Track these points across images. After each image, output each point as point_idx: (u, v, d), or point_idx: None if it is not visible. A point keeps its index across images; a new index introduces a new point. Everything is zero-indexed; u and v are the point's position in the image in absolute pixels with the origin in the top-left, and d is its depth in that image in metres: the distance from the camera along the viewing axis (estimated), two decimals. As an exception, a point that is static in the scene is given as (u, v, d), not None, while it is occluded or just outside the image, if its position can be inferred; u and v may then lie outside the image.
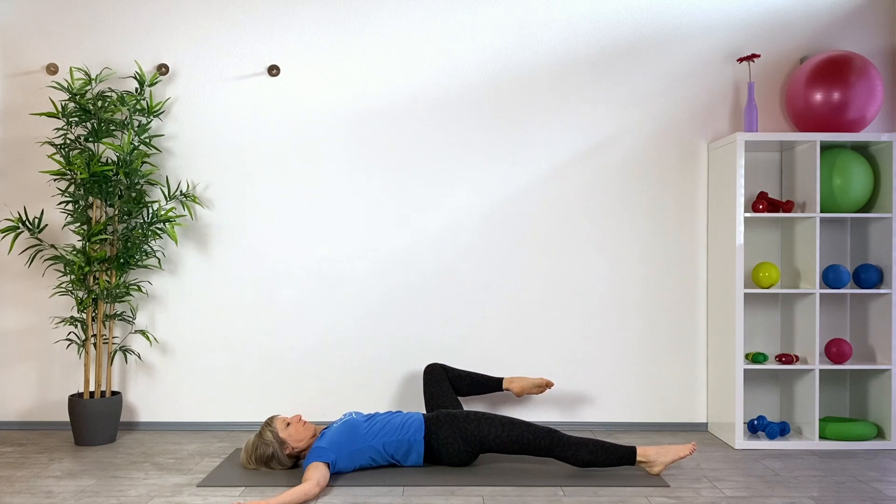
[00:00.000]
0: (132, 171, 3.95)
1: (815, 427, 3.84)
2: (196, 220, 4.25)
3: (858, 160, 3.92)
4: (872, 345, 4.03)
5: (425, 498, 3.08)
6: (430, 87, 4.24)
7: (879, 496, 3.13)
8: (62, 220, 4.24)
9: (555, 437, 3.33)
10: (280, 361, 4.24)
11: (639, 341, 4.23)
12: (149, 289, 4.24)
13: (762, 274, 3.94)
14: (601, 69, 4.24)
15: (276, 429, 3.42)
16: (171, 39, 4.24)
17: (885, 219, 3.94)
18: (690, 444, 3.36)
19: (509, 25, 4.23)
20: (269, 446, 3.40)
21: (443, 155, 4.23)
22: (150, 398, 4.25)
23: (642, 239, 4.23)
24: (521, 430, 3.35)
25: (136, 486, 3.26)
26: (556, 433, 3.35)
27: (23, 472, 3.46)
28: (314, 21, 4.24)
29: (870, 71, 3.92)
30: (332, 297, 4.23)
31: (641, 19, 4.23)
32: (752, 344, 4.22)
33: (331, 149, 4.24)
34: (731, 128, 4.23)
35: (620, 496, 3.11)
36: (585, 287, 4.23)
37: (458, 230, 4.23)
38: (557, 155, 4.23)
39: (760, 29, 4.23)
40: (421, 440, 3.40)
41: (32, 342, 4.24)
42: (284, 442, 3.40)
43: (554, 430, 3.37)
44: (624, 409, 4.23)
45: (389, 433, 3.40)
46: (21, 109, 4.24)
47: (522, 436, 3.35)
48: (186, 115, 4.24)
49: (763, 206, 3.97)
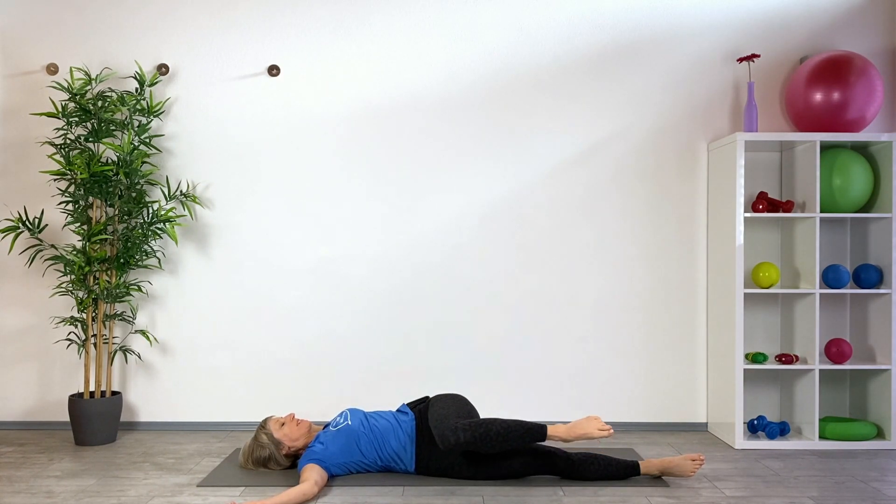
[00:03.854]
0: (132, 171, 3.95)
1: (815, 427, 3.84)
2: (196, 220, 4.25)
3: (858, 160, 3.92)
4: (872, 345, 4.03)
5: (425, 498, 3.08)
6: (430, 88, 4.24)
7: (879, 496, 3.13)
8: (62, 220, 4.24)
9: (556, 463, 3.26)
10: (280, 361, 4.24)
11: (639, 341, 4.23)
12: (149, 289, 4.24)
13: (762, 274, 3.94)
14: (601, 69, 4.24)
15: (271, 430, 3.41)
16: (171, 39, 4.24)
17: (885, 219, 3.94)
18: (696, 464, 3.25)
19: (509, 26, 4.23)
20: (265, 448, 3.40)
21: (443, 155, 4.24)
22: (150, 398, 4.25)
23: (642, 239, 4.23)
24: (520, 468, 3.27)
25: (136, 486, 3.26)
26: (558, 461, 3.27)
27: (23, 472, 3.46)
28: (314, 21, 4.24)
29: (870, 71, 3.92)
30: (331, 297, 4.24)
31: (641, 19, 4.23)
32: (752, 344, 4.22)
33: (330, 149, 4.24)
34: (731, 128, 4.23)
35: (620, 496, 3.11)
36: (585, 287, 4.23)
37: (458, 230, 4.23)
38: (557, 155, 4.23)
39: (760, 29, 4.23)
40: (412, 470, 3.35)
41: (32, 342, 4.24)
42: (280, 442, 3.39)
43: (557, 456, 3.28)
44: (624, 409, 4.23)
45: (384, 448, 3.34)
46: (21, 109, 4.24)
47: (519, 470, 3.29)
48: (186, 115, 4.24)
49: (763, 206, 3.97)
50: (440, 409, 3.32)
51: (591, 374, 4.23)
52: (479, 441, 3.14)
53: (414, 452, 3.33)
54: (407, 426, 3.37)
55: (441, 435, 3.18)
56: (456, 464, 3.29)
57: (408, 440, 3.34)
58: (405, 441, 3.34)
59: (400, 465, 3.35)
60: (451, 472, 3.30)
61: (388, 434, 3.36)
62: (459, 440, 3.14)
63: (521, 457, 3.28)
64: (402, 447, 3.34)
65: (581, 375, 4.23)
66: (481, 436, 3.14)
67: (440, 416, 3.26)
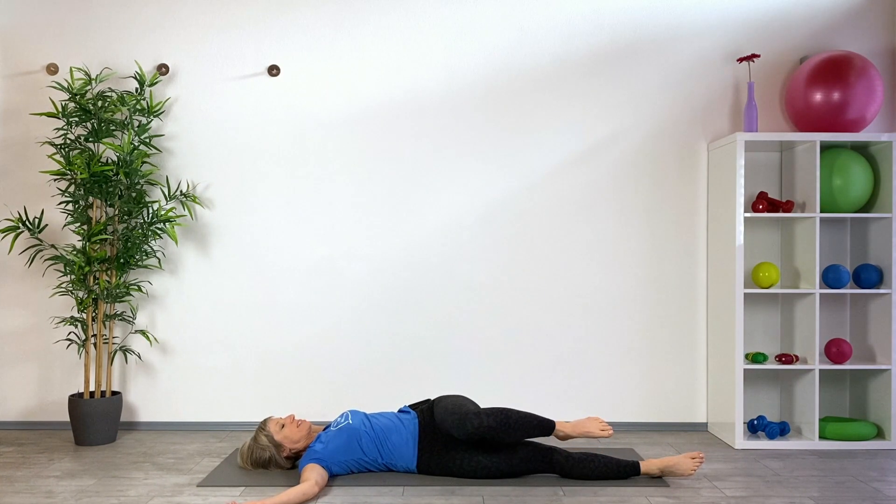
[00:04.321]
0: (132, 171, 3.95)
1: (815, 427, 3.84)
2: (196, 220, 4.25)
3: (858, 160, 3.92)
4: (872, 345, 4.03)
5: (425, 498, 3.08)
6: (429, 87, 4.24)
7: (879, 496, 3.13)
8: (62, 220, 4.24)
9: (556, 466, 3.27)
10: (280, 361, 4.24)
11: (639, 341, 4.23)
12: (149, 289, 4.24)
13: (762, 274, 3.94)
14: (601, 69, 4.24)
15: (271, 432, 3.40)
16: (171, 39, 4.24)
17: (885, 219, 3.94)
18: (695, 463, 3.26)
19: (509, 26, 4.23)
20: (265, 450, 3.39)
21: (442, 154, 4.24)
22: (150, 398, 4.25)
23: (642, 239, 4.23)
24: (520, 465, 3.28)
25: (136, 486, 3.26)
26: (557, 459, 3.28)
27: (23, 472, 3.46)
28: (314, 21, 4.24)
29: (870, 71, 3.92)
30: (331, 297, 4.24)
31: (641, 19, 4.23)
32: (752, 344, 4.22)
33: (330, 148, 4.24)
34: (731, 128, 4.23)
35: (620, 496, 3.11)
36: (585, 286, 4.23)
37: (458, 230, 4.24)
38: (557, 155, 4.23)
39: (760, 29, 4.23)
40: (414, 468, 3.35)
41: (32, 342, 4.24)
42: (281, 445, 3.39)
43: (556, 453, 3.29)
44: (624, 409, 4.23)
45: (385, 444, 3.35)
46: (21, 109, 4.24)
47: (521, 471, 3.29)
48: (186, 115, 4.24)
49: (763, 206, 3.97)
50: (451, 401, 3.36)
51: (590, 374, 4.23)
52: (501, 427, 3.20)
53: (416, 448, 3.33)
54: (409, 424, 3.38)
55: (461, 419, 3.21)
56: (458, 458, 3.29)
57: (410, 437, 3.34)
58: (407, 437, 3.34)
59: (401, 462, 3.35)
60: (453, 466, 3.30)
61: (390, 431, 3.36)
62: (483, 424, 3.18)
63: (523, 451, 3.29)
64: (404, 443, 3.34)
65: (581, 375, 4.23)
66: (502, 422, 3.20)
67: (455, 405, 3.30)
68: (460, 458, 3.29)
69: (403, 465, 3.36)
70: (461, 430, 3.21)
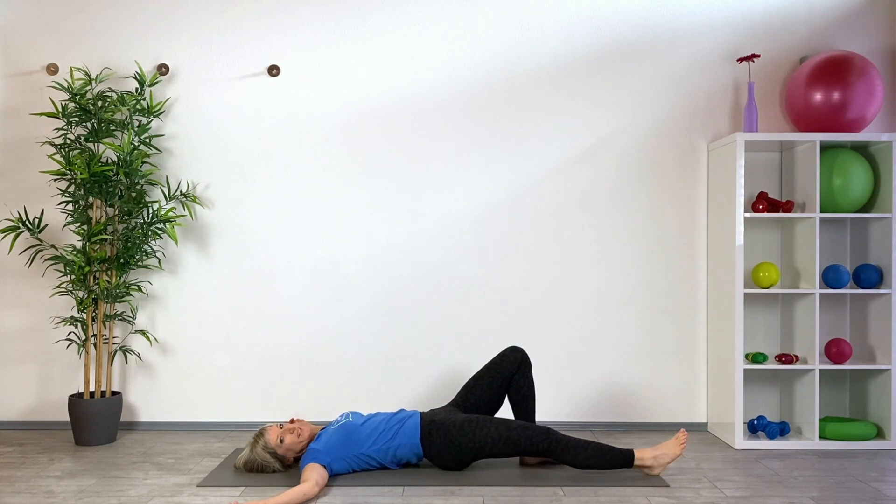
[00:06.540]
0: (132, 171, 3.95)
1: (815, 427, 3.84)
2: (196, 219, 4.25)
3: (858, 160, 3.92)
4: (872, 345, 4.03)
5: (425, 498, 3.08)
6: (429, 87, 4.24)
7: (879, 496, 3.13)
8: (62, 220, 4.24)
9: (553, 440, 3.27)
10: (280, 361, 4.24)
11: (639, 341, 4.23)
12: (149, 289, 4.24)
13: (762, 274, 3.94)
14: (601, 69, 4.24)
15: (273, 447, 3.37)
16: (171, 39, 4.24)
17: (885, 219, 3.94)
18: (680, 441, 3.28)
19: (509, 26, 4.23)
20: (268, 465, 3.37)
21: (442, 154, 4.24)
22: (150, 398, 4.25)
23: (642, 239, 4.23)
24: (518, 434, 3.29)
25: (136, 486, 3.26)
26: (553, 436, 3.28)
27: (23, 472, 3.46)
28: (314, 21, 4.24)
29: (870, 71, 3.92)
30: (331, 297, 4.24)
31: (641, 19, 4.23)
32: (752, 344, 4.22)
33: (330, 148, 4.24)
34: (731, 128, 4.23)
35: (620, 496, 3.11)
36: (585, 286, 4.23)
37: (458, 230, 4.24)
38: (557, 155, 4.23)
39: (760, 29, 4.23)
40: (417, 443, 3.37)
41: (32, 342, 4.24)
42: (283, 458, 3.39)
43: (552, 431, 3.30)
44: (624, 408, 4.23)
45: (385, 440, 3.36)
46: (21, 109, 4.24)
47: (519, 441, 3.28)
48: (186, 115, 4.24)
49: (763, 206, 3.97)
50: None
51: (590, 374, 4.23)
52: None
53: (418, 424, 3.38)
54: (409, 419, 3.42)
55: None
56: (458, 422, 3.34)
57: (410, 419, 3.41)
58: (406, 416, 3.42)
59: (403, 442, 3.35)
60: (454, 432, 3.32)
61: (391, 418, 3.42)
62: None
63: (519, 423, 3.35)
64: (403, 420, 3.40)
65: (581, 375, 4.23)
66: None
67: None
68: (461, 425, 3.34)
69: (406, 446, 3.36)
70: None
